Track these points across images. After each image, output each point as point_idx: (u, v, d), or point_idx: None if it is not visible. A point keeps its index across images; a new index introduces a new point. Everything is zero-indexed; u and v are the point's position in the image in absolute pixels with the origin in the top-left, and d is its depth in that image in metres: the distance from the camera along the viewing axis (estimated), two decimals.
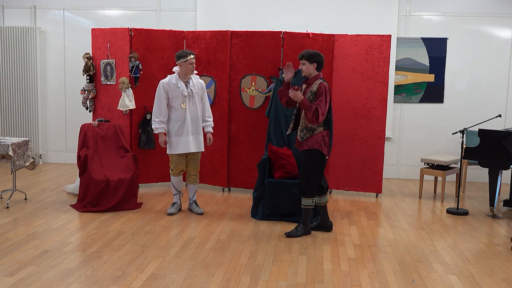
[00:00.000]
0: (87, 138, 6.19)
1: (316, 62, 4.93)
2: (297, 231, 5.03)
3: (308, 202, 5.03)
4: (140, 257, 4.37)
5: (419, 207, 6.42)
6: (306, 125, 4.93)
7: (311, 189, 5.00)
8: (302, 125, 4.97)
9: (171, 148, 5.61)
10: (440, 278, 4.12)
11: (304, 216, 5.08)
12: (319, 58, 4.94)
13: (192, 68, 5.45)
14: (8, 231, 4.95)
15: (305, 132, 4.94)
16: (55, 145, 8.61)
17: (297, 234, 5.01)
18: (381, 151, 6.66)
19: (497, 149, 5.81)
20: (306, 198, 5.02)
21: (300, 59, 4.97)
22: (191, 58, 5.41)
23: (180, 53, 5.42)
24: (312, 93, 4.90)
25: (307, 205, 5.04)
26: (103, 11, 8.28)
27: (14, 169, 5.84)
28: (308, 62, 4.93)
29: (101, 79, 6.73)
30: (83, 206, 5.77)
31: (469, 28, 7.82)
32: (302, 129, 4.97)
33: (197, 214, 5.75)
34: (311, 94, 4.89)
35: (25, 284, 3.76)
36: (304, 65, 4.95)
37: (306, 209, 5.05)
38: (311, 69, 4.95)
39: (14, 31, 8.23)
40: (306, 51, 4.97)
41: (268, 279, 3.98)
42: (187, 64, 5.41)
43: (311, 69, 4.95)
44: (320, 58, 4.95)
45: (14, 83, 8.34)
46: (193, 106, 5.56)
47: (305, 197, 5.02)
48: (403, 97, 7.98)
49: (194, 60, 5.45)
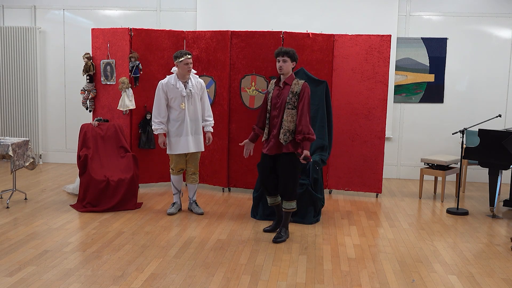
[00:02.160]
0: (87, 138, 6.19)
1: (295, 60, 4.78)
2: (283, 235, 4.88)
3: (292, 205, 4.89)
4: (140, 257, 4.37)
5: (419, 207, 6.42)
6: (289, 127, 4.75)
7: (296, 191, 4.90)
8: (285, 128, 4.74)
9: (170, 148, 5.61)
10: (440, 278, 4.12)
11: (286, 219, 4.94)
12: (297, 56, 4.82)
13: (187, 68, 5.42)
14: (8, 231, 4.95)
15: (288, 135, 4.74)
16: (55, 145, 8.61)
17: (284, 238, 4.86)
18: (381, 151, 6.66)
19: (497, 149, 5.81)
20: (292, 201, 4.87)
21: (282, 56, 4.74)
22: (186, 59, 5.39)
23: (176, 53, 5.43)
24: (294, 94, 4.72)
25: (292, 208, 4.89)
26: (103, 11, 8.28)
27: (14, 169, 5.84)
28: (290, 60, 4.75)
29: (101, 79, 6.74)
30: (83, 206, 5.77)
31: (469, 28, 7.82)
32: (285, 132, 4.74)
33: (197, 214, 5.75)
34: (293, 95, 4.72)
35: (25, 284, 3.76)
36: (286, 62, 4.74)
37: (289, 212, 4.92)
38: (290, 67, 4.78)
39: (14, 31, 8.23)
40: (286, 48, 4.77)
41: (268, 279, 3.98)
42: (182, 65, 5.41)
43: (290, 67, 4.78)
44: (297, 58, 4.84)
45: (14, 83, 8.34)
46: (192, 106, 5.56)
47: (290, 200, 4.87)
48: (403, 97, 7.98)
49: (189, 61, 5.41)
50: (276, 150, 4.81)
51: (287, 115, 4.75)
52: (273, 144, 4.82)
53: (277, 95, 4.83)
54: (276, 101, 4.83)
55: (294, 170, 4.83)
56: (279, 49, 4.78)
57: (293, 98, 4.73)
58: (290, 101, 4.73)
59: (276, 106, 4.82)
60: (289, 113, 4.74)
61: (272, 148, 4.83)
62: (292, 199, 4.88)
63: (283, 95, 4.78)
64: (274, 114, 4.83)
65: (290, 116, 4.75)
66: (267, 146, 4.88)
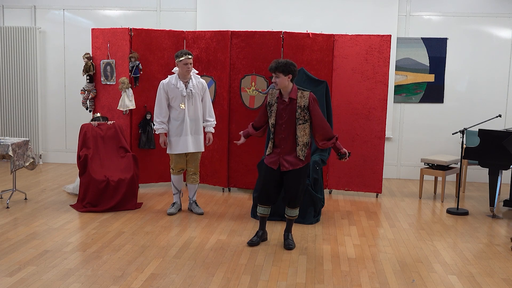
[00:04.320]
0: (87, 138, 6.18)
1: (290, 72, 4.50)
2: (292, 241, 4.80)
3: (296, 212, 4.82)
4: (140, 257, 4.37)
5: (419, 207, 6.42)
6: (303, 142, 4.59)
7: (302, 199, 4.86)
8: (300, 144, 4.58)
9: (170, 148, 5.62)
10: (440, 278, 4.12)
11: (291, 224, 4.89)
12: (293, 67, 4.52)
13: (187, 68, 5.41)
14: (8, 231, 4.95)
15: (304, 149, 4.60)
16: (55, 145, 8.61)
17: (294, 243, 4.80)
18: (381, 151, 6.66)
19: (497, 149, 5.81)
20: (296, 209, 4.80)
21: (274, 72, 4.51)
22: (186, 58, 5.38)
23: (177, 53, 5.43)
24: (303, 108, 4.53)
25: (295, 216, 4.83)
26: (103, 11, 8.28)
27: (14, 169, 5.84)
28: (282, 75, 4.48)
29: (101, 79, 6.74)
30: (83, 206, 5.77)
31: (469, 28, 7.82)
32: (302, 148, 4.59)
33: (197, 214, 5.75)
34: (302, 109, 4.53)
35: (25, 284, 3.76)
36: (279, 77, 4.49)
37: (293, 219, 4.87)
38: (286, 81, 4.52)
39: (14, 31, 8.23)
40: (277, 61, 4.51)
41: (268, 279, 3.98)
42: (182, 64, 5.40)
43: (286, 81, 4.52)
44: (294, 68, 4.53)
45: (14, 83, 8.34)
46: (192, 107, 5.56)
47: (295, 208, 4.78)
48: (403, 97, 7.98)
49: (189, 61, 5.40)
50: (289, 166, 4.62)
51: (300, 130, 4.58)
52: (284, 160, 4.62)
53: (283, 109, 4.61)
54: (282, 116, 4.62)
55: (304, 181, 4.74)
56: (270, 65, 4.55)
57: (302, 112, 4.55)
58: (299, 117, 4.56)
59: (282, 121, 4.62)
60: (301, 128, 4.58)
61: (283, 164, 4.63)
62: (297, 207, 4.81)
63: (290, 111, 4.58)
64: (281, 130, 4.61)
65: (303, 130, 4.59)
66: (275, 161, 4.66)
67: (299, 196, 4.72)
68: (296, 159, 4.62)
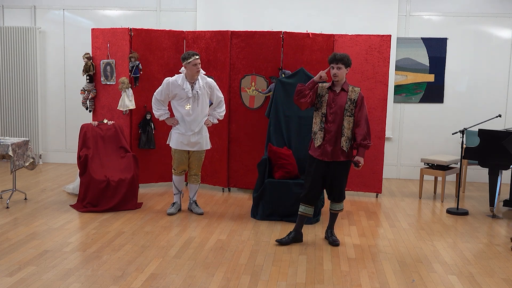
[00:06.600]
0: (87, 138, 6.19)
1: (349, 66, 4.69)
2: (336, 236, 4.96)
3: (342, 206, 4.97)
4: (140, 257, 4.37)
5: (419, 207, 6.42)
6: (348, 135, 4.68)
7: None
8: (345, 136, 4.67)
9: (172, 140, 5.60)
10: (440, 278, 4.13)
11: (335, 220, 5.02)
12: (351, 61, 4.72)
13: (196, 69, 5.40)
14: (8, 231, 4.95)
15: (348, 142, 4.70)
16: (55, 145, 8.61)
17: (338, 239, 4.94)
18: (381, 151, 6.66)
19: (497, 149, 5.81)
20: (341, 202, 4.93)
21: (336, 63, 4.64)
22: (194, 59, 5.37)
23: (184, 55, 5.40)
24: (352, 101, 4.66)
25: (341, 209, 4.97)
26: (103, 11, 8.28)
27: (14, 169, 5.84)
28: (344, 67, 4.64)
29: (101, 79, 6.74)
30: (83, 206, 5.77)
31: (469, 28, 7.82)
32: (346, 140, 4.68)
33: (197, 214, 5.75)
34: (351, 102, 4.65)
35: (25, 284, 3.76)
36: (340, 69, 4.63)
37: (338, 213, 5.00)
38: (345, 73, 4.68)
39: (14, 31, 8.23)
40: (338, 54, 4.65)
41: (268, 279, 3.98)
42: (191, 66, 5.39)
43: (345, 73, 4.68)
44: (351, 62, 4.73)
45: (14, 83, 8.34)
46: (198, 108, 5.53)
47: (341, 201, 4.91)
48: (403, 97, 7.98)
49: (198, 61, 5.39)
50: (335, 157, 4.71)
51: (347, 122, 4.67)
52: (331, 151, 4.70)
53: (332, 100, 4.69)
54: (331, 106, 4.70)
55: (348, 174, 4.87)
56: (333, 56, 4.65)
57: (351, 105, 4.65)
58: (348, 108, 4.65)
59: (331, 112, 4.69)
60: (348, 120, 4.67)
61: (330, 154, 4.70)
62: (342, 200, 4.95)
63: (339, 102, 4.67)
64: (330, 120, 4.69)
65: (348, 123, 4.68)
66: (323, 152, 4.72)
67: (343, 189, 4.88)
68: (344, 151, 4.72)
